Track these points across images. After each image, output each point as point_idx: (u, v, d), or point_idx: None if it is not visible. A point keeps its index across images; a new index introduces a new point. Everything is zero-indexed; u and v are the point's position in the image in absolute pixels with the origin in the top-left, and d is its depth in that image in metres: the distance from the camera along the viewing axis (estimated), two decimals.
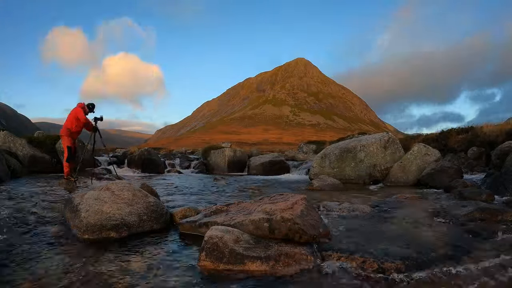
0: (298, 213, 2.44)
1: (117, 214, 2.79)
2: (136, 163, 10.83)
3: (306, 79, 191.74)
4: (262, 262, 2.06)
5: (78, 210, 2.86)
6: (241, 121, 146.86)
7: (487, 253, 2.26)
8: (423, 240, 2.55)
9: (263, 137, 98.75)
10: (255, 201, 3.02)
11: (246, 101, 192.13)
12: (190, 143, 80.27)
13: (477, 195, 4.30)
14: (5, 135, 9.05)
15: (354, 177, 7.30)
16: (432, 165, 6.69)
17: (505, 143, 7.41)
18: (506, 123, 10.16)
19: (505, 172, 4.99)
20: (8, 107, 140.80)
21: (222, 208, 3.06)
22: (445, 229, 2.93)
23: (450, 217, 3.32)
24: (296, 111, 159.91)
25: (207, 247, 2.11)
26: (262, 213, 2.53)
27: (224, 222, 2.59)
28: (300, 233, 2.32)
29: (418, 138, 11.91)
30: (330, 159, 7.69)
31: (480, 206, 3.43)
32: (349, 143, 7.90)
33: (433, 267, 2.03)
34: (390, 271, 1.98)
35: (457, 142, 10.06)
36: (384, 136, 7.73)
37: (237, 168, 12.09)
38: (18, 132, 12.54)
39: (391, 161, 7.34)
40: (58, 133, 7.36)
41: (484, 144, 9.20)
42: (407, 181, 6.87)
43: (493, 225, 2.99)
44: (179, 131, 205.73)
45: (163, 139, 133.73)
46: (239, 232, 2.32)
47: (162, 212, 3.12)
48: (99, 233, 2.63)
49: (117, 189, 3.19)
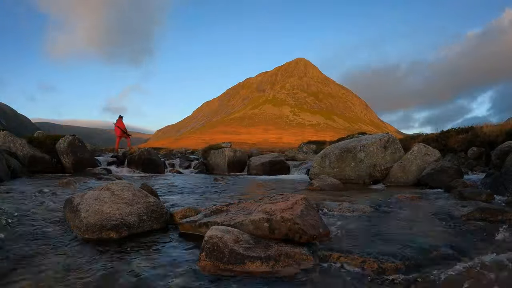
0: (298, 213, 2.44)
1: (117, 214, 2.79)
2: (136, 163, 10.83)
3: (306, 79, 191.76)
4: (262, 262, 2.06)
5: (78, 210, 2.86)
6: (241, 121, 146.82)
7: (487, 253, 2.26)
8: (423, 240, 2.55)
9: (263, 137, 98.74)
10: (255, 201, 3.02)
11: (246, 101, 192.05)
12: (190, 143, 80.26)
13: (477, 195, 4.30)
14: (5, 135, 9.05)
15: (354, 177, 7.30)
16: (432, 165, 6.69)
17: (505, 143, 7.41)
18: (506, 123, 10.16)
19: (505, 172, 4.99)
20: (8, 107, 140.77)
21: (222, 208, 3.06)
22: (445, 229, 2.93)
23: (450, 217, 3.32)
24: (296, 111, 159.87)
25: (207, 247, 2.11)
26: (262, 213, 2.53)
27: (224, 222, 2.59)
28: (300, 233, 2.32)
29: (418, 138, 11.93)
30: (330, 159, 7.69)
31: (480, 206, 3.43)
32: (349, 143, 7.90)
33: (433, 267, 2.04)
34: (390, 271, 1.98)
35: (457, 142, 10.07)
36: (384, 136, 7.73)
37: (237, 168, 12.09)
38: (18, 132, 12.55)
39: (391, 161, 7.34)
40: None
41: (484, 144, 9.21)
42: (407, 181, 6.87)
43: (493, 225, 2.99)
44: (179, 131, 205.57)
45: (163, 139, 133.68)
46: (239, 232, 2.32)
47: (162, 212, 3.12)
48: (99, 233, 2.63)
49: (117, 189, 3.19)
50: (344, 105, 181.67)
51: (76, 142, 9.86)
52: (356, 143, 7.64)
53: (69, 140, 9.71)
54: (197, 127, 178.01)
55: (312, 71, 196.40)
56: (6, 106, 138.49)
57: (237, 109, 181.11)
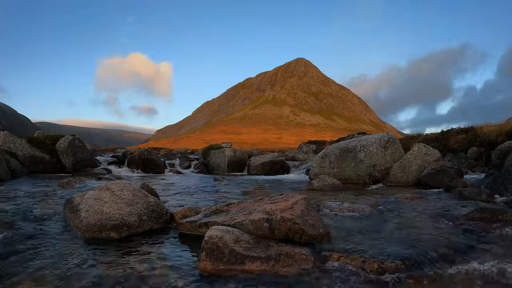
0: (298, 213, 2.44)
1: (117, 214, 2.79)
2: (136, 163, 10.83)
3: (306, 79, 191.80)
4: (262, 262, 2.06)
5: (78, 210, 2.86)
6: (241, 121, 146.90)
7: (487, 253, 2.26)
8: (423, 240, 2.55)
9: (263, 137, 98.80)
10: (255, 201, 3.02)
11: (246, 101, 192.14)
12: (190, 143, 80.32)
13: (477, 195, 4.30)
14: (5, 135, 9.05)
15: (354, 177, 7.30)
16: (432, 165, 6.69)
17: (505, 143, 7.41)
18: (506, 123, 10.16)
19: (505, 172, 4.99)
20: (8, 107, 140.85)
21: (222, 208, 3.06)
22: (445, 229, 2.93)
23: (450, 217, 3.32)
24: (296, 111, 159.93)
25: (207, 247, 2.11)
26: (262, 213, 2.53)
27: (224, 222, 2.59)
28: (300, 233, 2.32)
29: (418, 138, 11.93)
30: (330, 159, 7.69)
31: (480, 206, 3.43)
32: (349, 143, 7.89)
33: (433, 267, 2.04)
34: (390, 271, 1.98)
35: (457, 142, 10.07)
36: (384, 136, 7.73)
37: (237, 168, 12.08)
38: (18, 132, 12.55)
39: (391, 161, 7.34)
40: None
41: (484, 144, 9.22)
42: (407, 181, 6.86)
43: (493, 225, 2.99)
44: (179, 131, 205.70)
45: (163, 139, 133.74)
46: (239, 232, 2.32)
47: (162, 212, 3.12)
48: (99, 233, 2.63)
49: (117, 189, 3.19)
50: (344, 105, 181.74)
51: (76, 142, 9.86)
52: (356, 143, 7.64)
53: (69, 140, 9.72)
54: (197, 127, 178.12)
55: (312, 71, 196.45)
56: (6, 106, 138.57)
57: (237, 109, 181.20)
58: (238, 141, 77.01)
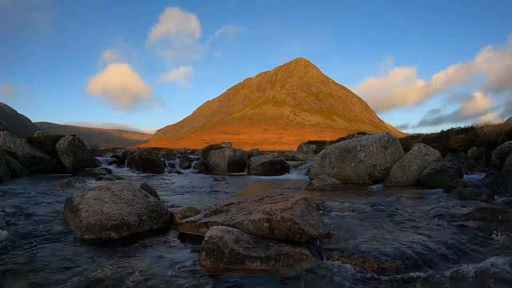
0: (298, 213, 2.44)
1: (117, 214, 2.79)
2: (136, 163, 10.83)
3: (306, 79, 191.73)
4: (262, 262, 2.06)
5: (78, 210, 2.86)
6: (241, 121, 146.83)
7: (487, 253, 2.26)
8: (423, 240, 2.55)
9: (263, 137, 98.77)
10: (255, 201, 3.02)
11: (246, 101, 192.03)
12: (190, 143, 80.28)
13: (477, 195, 4.29)
14: (5, 135, 9.05)
15: (354, 177, 7.30)
16: (432, 165, 6.69)
17: (505, 143, 7.40)
18: (506, 123, 10.15)
19: (505, 172, 4.99)
20: (8, 107, 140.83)
21: (222, 208, 3.06)
22: (445, 229, 2.93)
23: (450, 217, 3.32)
24: (296, 111, 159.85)
25: (207, 247, 2.11)
26: (262, 213, 2.53)
27: (224, 222, 2.59)
28: (300, 233, 2.32)
29: (418, 138, 11.92)
30: (330, 159, 7.69)
31: (480, 206, 3.43)
32: (349, 143, 7.89)
33: (433, 267, 2.04)
34: (390, 271, 1.98)
35: (457, 142, 10.06)
36: (384, 136, 7.73)
37: (237, 168, 12.08)
38: (18, 132, 12.55)
39: (391, 161, 7.34)
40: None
41: (484, 144, 9.21)
42: (407, 181, 6.86)
43: (493, 225, 2.99)
44: (179, 131, 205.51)
45: (163, 139, 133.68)
46: (239, 232, 2.32)
47: (162, 212, 3.12)
48: (99, 233, 2.63)
49: (117, 189, 3.19)
50: (344, 105, 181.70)
51: (76, 142, 9.86)
52: (356, 143, 7.64)
53: (69, 140, 9.72)
54: (197, 127, 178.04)
55: (312, 71, 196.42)
56: (6, 106, 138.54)
57: (237, 109, 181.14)
58: (238, 141, 76.97)
